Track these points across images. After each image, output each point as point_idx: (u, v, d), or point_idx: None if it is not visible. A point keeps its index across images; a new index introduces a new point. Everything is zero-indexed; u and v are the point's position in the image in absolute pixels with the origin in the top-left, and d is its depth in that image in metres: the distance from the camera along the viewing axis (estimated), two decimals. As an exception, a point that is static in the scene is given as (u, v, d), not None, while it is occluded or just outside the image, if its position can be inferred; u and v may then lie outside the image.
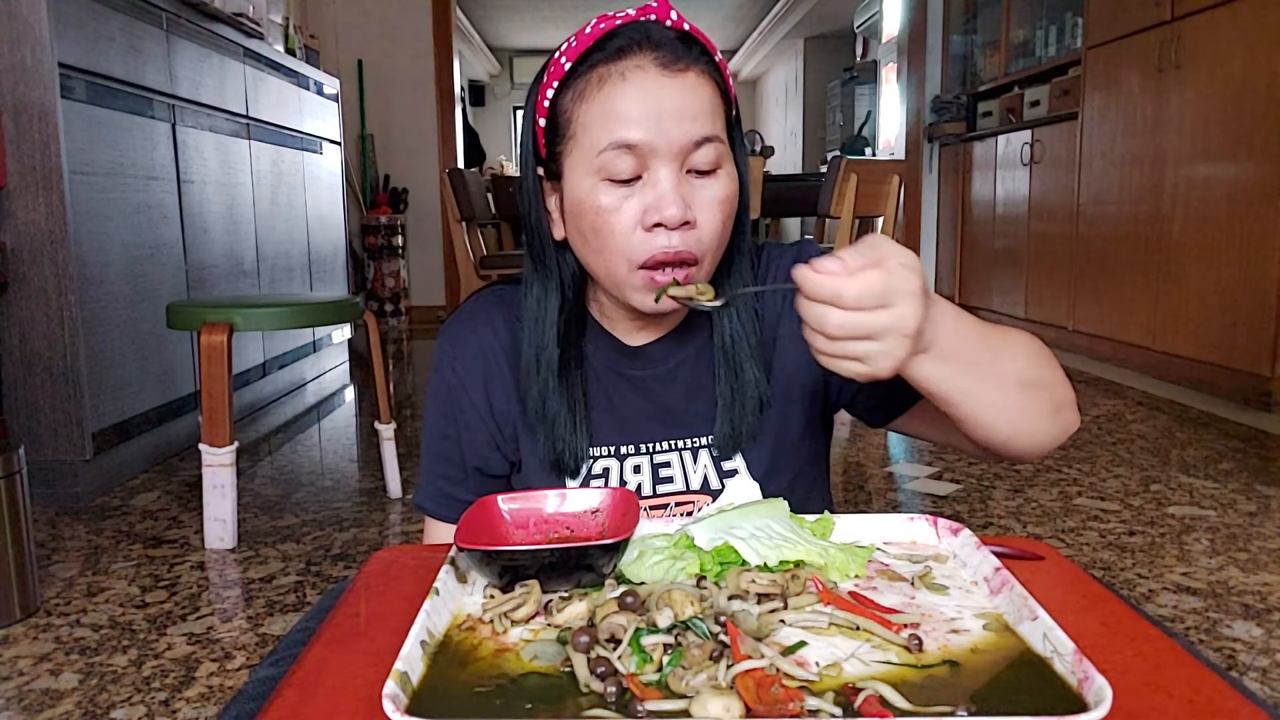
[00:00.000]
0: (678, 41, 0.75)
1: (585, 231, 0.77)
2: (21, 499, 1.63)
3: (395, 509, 2.26)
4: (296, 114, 3.75)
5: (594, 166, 0.74)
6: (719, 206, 0.75)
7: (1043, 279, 4.60)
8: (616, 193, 0.74)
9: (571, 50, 0.76)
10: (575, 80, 0.75)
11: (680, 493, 0.85)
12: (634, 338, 0.88)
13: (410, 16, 5.68)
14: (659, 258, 0.74)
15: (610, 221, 0.74)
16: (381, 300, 5.70)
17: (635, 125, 0.72)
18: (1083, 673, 0.47)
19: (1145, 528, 2.01)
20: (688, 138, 0.73)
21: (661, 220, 0.73)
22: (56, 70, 2.12)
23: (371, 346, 2.30)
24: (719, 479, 0.85)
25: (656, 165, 0.73)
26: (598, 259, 0.78)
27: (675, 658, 0.50)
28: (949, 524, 0.69)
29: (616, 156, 0.73)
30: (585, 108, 0.74)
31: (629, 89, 0.73)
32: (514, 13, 9.38)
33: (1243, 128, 3.10)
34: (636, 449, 0.86)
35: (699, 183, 0.75)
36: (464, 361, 0.89)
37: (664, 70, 0.73)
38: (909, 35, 5.88)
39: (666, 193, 0.73)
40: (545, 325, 0.84)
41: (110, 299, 2.36)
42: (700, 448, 0.86)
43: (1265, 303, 3.00)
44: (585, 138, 0.74)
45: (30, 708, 1.34)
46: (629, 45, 0.74)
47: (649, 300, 0.77)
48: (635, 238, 0.74)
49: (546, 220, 0.82)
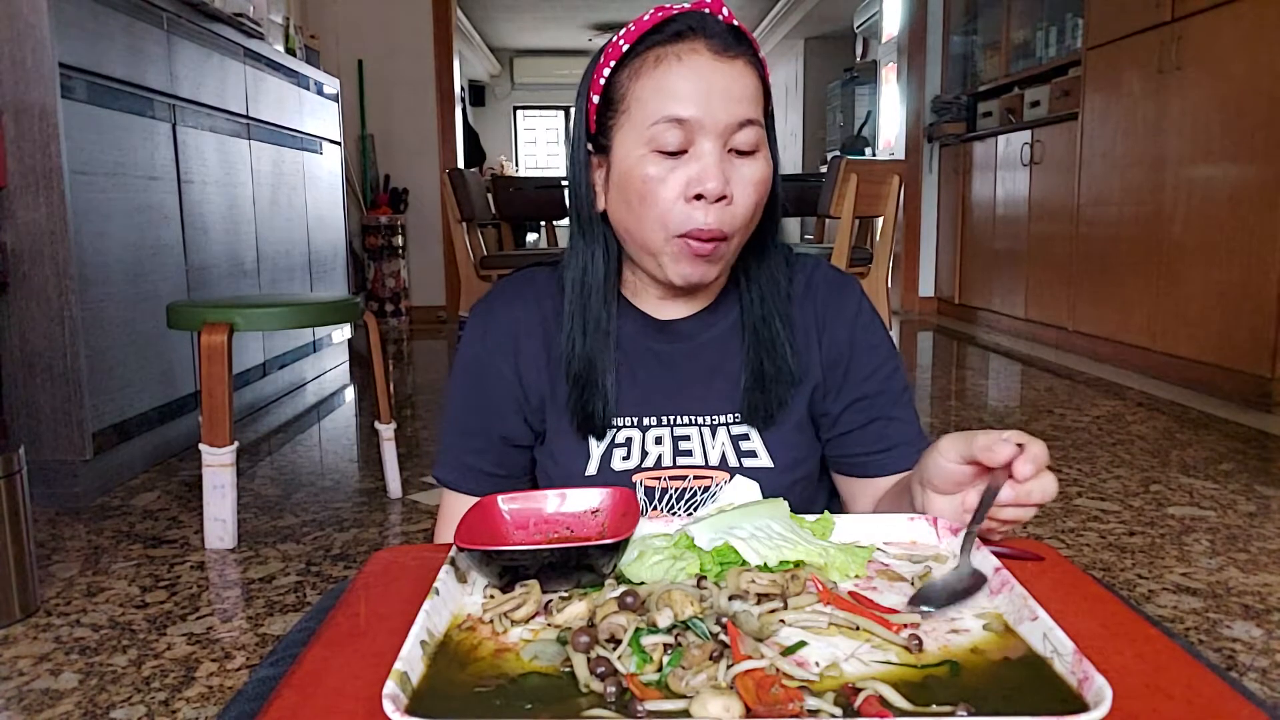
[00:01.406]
0: (729, 33, 0.80)
1: (631, 199, 0.81)
2: (21, 499, 1.63)
3: (395, 509, 2.26)
4: (297, 114, 3.75)
5: (645, 138, 0.79)
6: (755, 187, 0.81)
7: (1043, 279, 4.60)
8: (664, 164, 0.79)
9: (630, 34, 0.82)
10: (632, 59, 0.81)
11: (699, 467, 0.87)
12: (663, 312, 0.92)
13: (410, 16, 5.68)
14: (694, 232, 0.79)
15: (656, 190, 0.79)
16: (382, 300, 5.70)
17: (687, 102, 0.77)
18: (1083, 673, 0.47)
19: (1145, 528, 2.01)
20: (733, 118, 0.78)
21: (703, 192, 0.78)
22: (57, 70, 2.12)
23: (371, 347, 2.30)
24: (737, 458, 0.88)
25: (702, 140, 0.78)
26: (638, 226, 0.82)
27: (675, 658, 0.50)
28: (949, 524, 0.68)
29: (667, 129, 0.78)
30: (640, 84, 0.80)
31: (683, 69, 0.78)
32: (514, 13, 9.38)
33: (1243, 129, 3.10)
34: (659, 421, 0.89)
35: (739, 162, 0.80)
36: (494, 335, 0.92)
37: (716, 56, 0.78)
38: (909, 35, 5.88)
39: (710, 166, 0.78)
40: (589, 287, 0.88)
41: (110, 299, 2.36)
42: (719, 425, 0.89)
43: (1265, 304, 3.00)
44: (639, 111, 0.80)
45: (30, 708, 1.34)
46: (685, 31, 0.79)
47: (680, 270, 0.82)
48: (676, 208, 0.79)
49: (593, 193, 0.87)
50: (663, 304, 0.91)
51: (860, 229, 3.45)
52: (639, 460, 0.87)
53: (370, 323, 2.29)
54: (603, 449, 0.88)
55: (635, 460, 0.87)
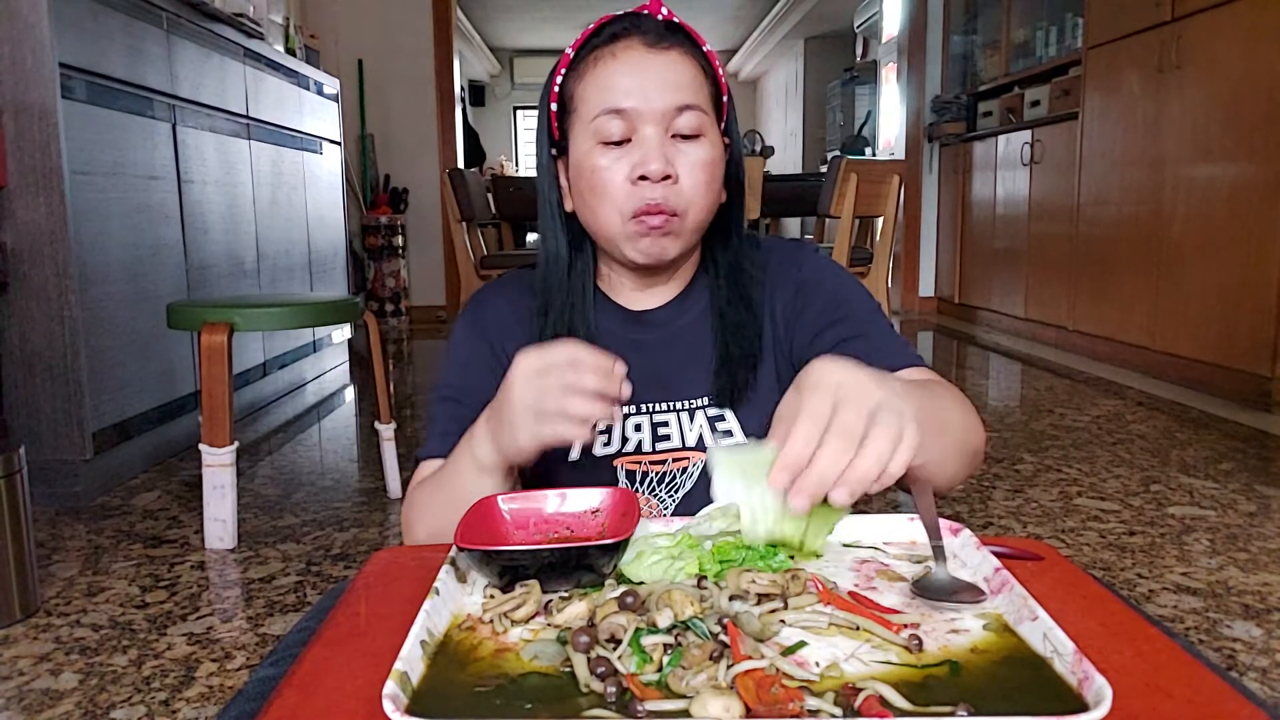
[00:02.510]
0: (663, 28, 0.86)
1: (585, 192, 0.87)
2: (22, 499, 1.63)
3: (395, 509, 2.25)
4: (297, 114, 3.75)
5: (591, 132, 0.85)
6: (701, 168, 0.85)
7: (1043, 279, 4.60)
8: (610, 154, 0.84)
9: (576, 42, 0.88)
10: (578, 64, 0.88)
11: (677, 449, 0.92)
12: (637, 302, 0.96)
13: (410, 16, 5.68)
14: (645, 208, 0.83)
15: (604, 179, 0.84)
16: (381, 300, 5.70)
17: (625, 94, 0.83)
18: (1083, 673, 0.47)
19: (1145, 528, 2.01)
20: (669, 104, 0.83)
21: (646, 174, 0.83)
22: (57, 70, 2.12)
23: (372, 346, 2.30)
24: (714, 438, 0.93)
25: (643, 128, 0.83)
26: (594, 216, 0.87)
27: (675, 658, 0.50)
28: (949, 524, 0.68)
29: (609, 121, 0.83)
30: (584, 84, 0.86)
31: (618, 64, 0.84)
32: (514, 13, 9.38)
33: (1243, 128, 3.10)
34: (638, 409, 0.93)
35: (683, 146, 0.85)
36: (487, 319, 0.97)
37: (649, 48, 0.84)
38: (909, 35, 5.88)
39: (651, 150, 0.83)
40: (556, 282, 0.93)
41: (111, 299, 2.36)
42: (696, 408, 0.93)
43: (1265, 303, 3.00)
44: (584, 109, 0.86)
45: (30, 708, 1.34)
46: (620, 31, 0.86)
47: (639, 247, 0.86)
48: (624, 191, 0.84)
49: (559, 194, 0.92)
50: (637, 295, 0.96)
51: (860, 229, 3.46)
52: (619, 446, 0.92)
53: (370, 323, 2.29)
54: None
55: (615, 446, 0.92)
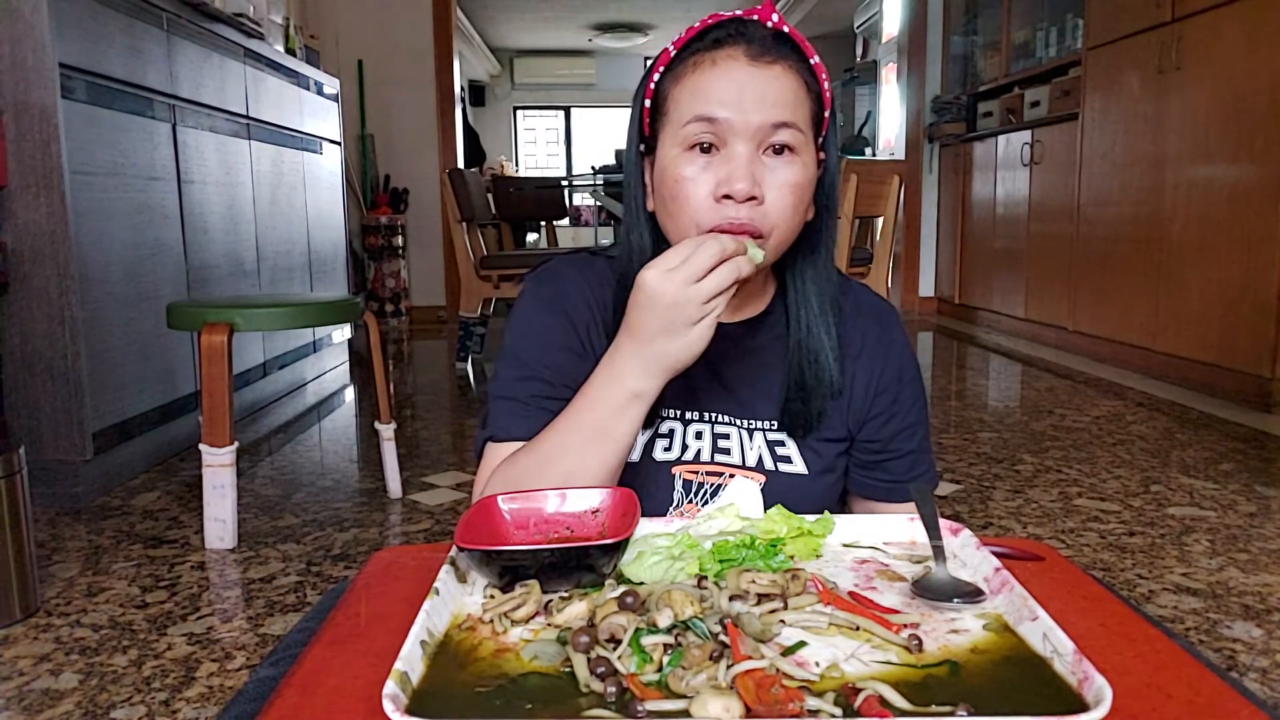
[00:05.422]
0: (771, 39, 0.82)
1: (665, 198, 0.84)
2: (22, 499, 1.63)
3: (395, 509, 2.26)
4: (297, 114, 3.75)
5: (679, 138, 0.82)
6: (789, 190, 0.81)
7: (1043, 279, 4.60)
8: (696, 164, 0.81)
9: (678, 41, 0.85)
10: (676, 66, 0.84)
11: (736, 465, 0.90)
12: None
13: (410, 16, 5.68)
14: (724, 227, 0.80)
15: (687, 189, 0.81)
16: (382, 300, 5.70)
17: (720, 104, 0.80)
18: (1082, 673, 0.47)
19: (1145, 528, 2.01)
20: (764, 120, 0.79)
21: (730, 193, 0.79)
22: (57, 70, 2.12)
23: (372, 347, 2.30)
24: (773, 461, 0.91)
25: (734, 142, 0.80)
26: (673, 224, 0.84)
27: (675, 658, 0.50)
28: (949, 524, 0.68)
29: (698, 128, 0.80)
30: (679, 88, 0.83)
31: (718, 73, 0.81)
32: (514, 13, 9.37)
33: (1243, 129, 3.10)
34: (701, 417, 0.91)
35: (772, 163, 0.81)
36: (567, 294, 0.92)
37: (752, 61, 0.80)
38: (909, 35, 5.87)
39: (739, 168, 0.79)
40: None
41: (111, 299, 2.36)
42: (756, 429, 0.92)
43: (1265, 304, 3.00)
44: (676, 113, 0.83)
45: (30, 708, 1.34)
46: (725, 38, 0.82)
47: None
48: (706, 205, 0.81)
49: (644, 192, 0.89)
50: None
51: (860, 229, 3.46)
52: (679, 453, 0.90)
53: (370, 323, 2.29)
54: (647, 436, 0.90)
55: (676, 452, 0.90)
